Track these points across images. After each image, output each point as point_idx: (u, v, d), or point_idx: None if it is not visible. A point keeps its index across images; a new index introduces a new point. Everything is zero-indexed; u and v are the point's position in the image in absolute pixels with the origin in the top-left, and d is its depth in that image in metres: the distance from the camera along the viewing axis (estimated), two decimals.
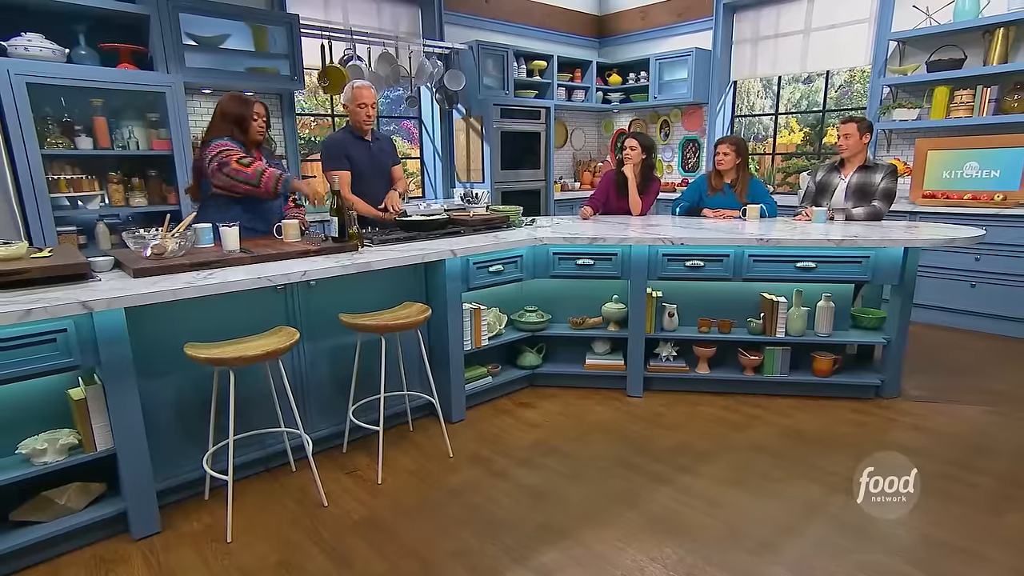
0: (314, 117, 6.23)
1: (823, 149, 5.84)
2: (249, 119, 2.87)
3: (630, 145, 4.00)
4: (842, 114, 6.15)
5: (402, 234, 3.16)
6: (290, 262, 2.56)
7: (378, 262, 2.64)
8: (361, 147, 3.43)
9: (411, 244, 3.03)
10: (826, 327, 3.30)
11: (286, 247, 2.72)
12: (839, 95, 6.54)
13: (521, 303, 3.62)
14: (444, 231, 3.28)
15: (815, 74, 6.91)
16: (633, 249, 3.27)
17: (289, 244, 2.79)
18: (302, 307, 2.70)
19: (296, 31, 4.32)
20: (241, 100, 2.89)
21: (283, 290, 2.62)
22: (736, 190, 3.96)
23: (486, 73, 5.62)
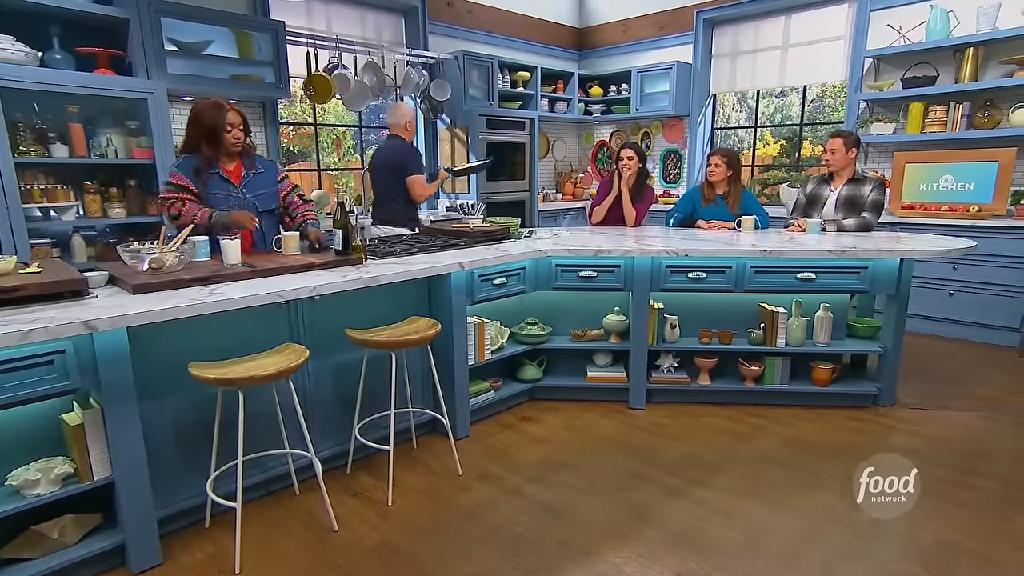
0: (294, 126, 6.11)
1: (801, 162, 5.94)
2: (222, 129, 2.68)
3: (627, 155, 4.00)
4: (816, 128, 6.33)
5: (404, 247, 3.08)
6: (294, 276, 2.45)
7: (386, 276, 2.55)
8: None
9: (416, 256, 2.95)
10: (825, 337, 3.33)
11: (289, 260, 2.61)
12: (811, 109, 6.69)
13: (522, 316, 3.57)
14: (445, 244, 3.21)
15: (789, 88, 7.11)
16: (636, 261, 3.25)
17: (291, 257, 2.67)
18: (306, 322, 2.59)
19: (281, 38, 4.20)
20: (215, 106, 2.68)
21: (287, 305, 2.51)
22: (728, 201, 4.00)
23: (471, 83, 5.58)
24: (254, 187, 2.86)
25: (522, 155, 6.00)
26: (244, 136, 2.79)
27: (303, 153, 6.52)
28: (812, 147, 6.58)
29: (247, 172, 2.85)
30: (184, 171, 2.71)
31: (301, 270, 2.54)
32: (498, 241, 3.42)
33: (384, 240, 3.35)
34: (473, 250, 3.15)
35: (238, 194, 2.79)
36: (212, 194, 2.72)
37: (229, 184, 2.78)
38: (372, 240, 3.31)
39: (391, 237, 3.44)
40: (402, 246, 3.11)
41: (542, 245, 3.33)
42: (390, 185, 3.98)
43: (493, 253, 3.08)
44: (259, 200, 2.87)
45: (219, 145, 2.70)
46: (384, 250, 2.99)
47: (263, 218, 2.88)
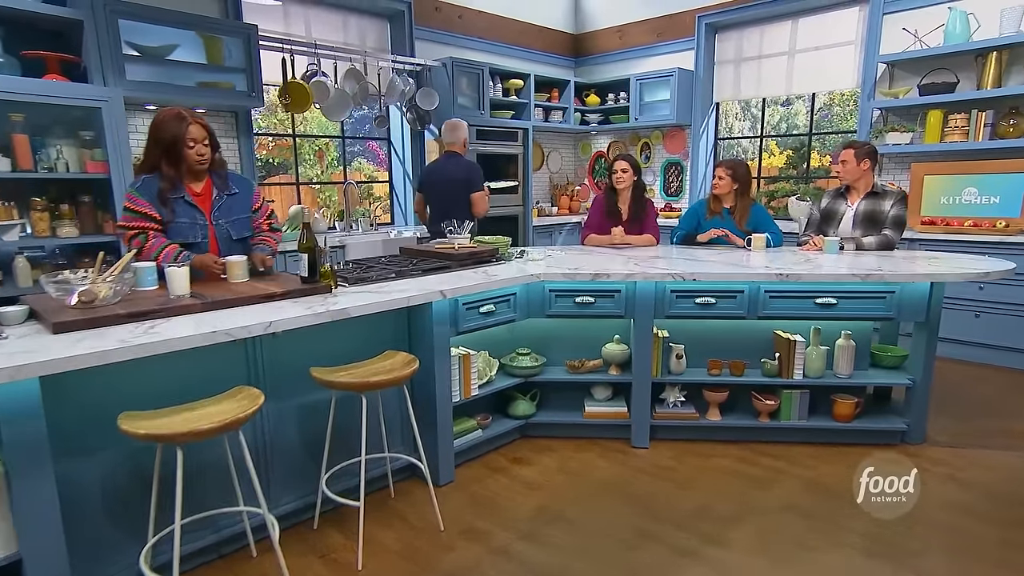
0: (273, 138, 5.85)
1: (809, 173, 5.72)
2: (183, 144, 2.39)
3: (620, 168, 3.78)
4: (824, 138, 6.11)
5: (379, 273, 2.81)
6: (250, 309, 2.18)
7: (356, 308, 2.28)
8: None
9: (393, 283, 2.69)
10: (847, 368, 3.07)
11: (246, 290, 2.33)
12: (819, 118, 6.48)
13: (513, 345, 3.30)
14: (427, 268, 2.95)
15: (795, 96, 6.92)
16: (638, 285, 3.01)
17: (251, 286, 2.40)
18: (266, 360, 2.32)
19: (254, 43, 3.98)
20: (175, 118, 2.38)
21: (243, 341, 2.23)
22: (735, 216, 3.78)
23: (460, 92, 5.38)
24: (227, 212, 2.59)
25: (515, 167, 5.81)
26: (212, 151, 2.52)
27: (284, 165, 6.26)
28: (820, 158, 6.36)
29: (219, 194, 2.58)
30: (145, 194, 2.43)
31: (259, 301, 2.28)
32: (486, 263, 3.17)
33: (359, 264, 3.08)
34: (458, 274, 2.91)
35: (206, 221, 2.52)
36: (177, 223, 2.45)
37: (196, 211, 2.51)
38: (345, 264, 3.04)
39: (366, 261, 3.17)
40: (379, 271, 2.85)
41: (534, 268, 3.08)
42: (456, 200, 4.12)
43: (480, 278, 2.83)
44: (233, 227, 2.60)
45: (180, 163, 2.43)
46: (358, 276, 2.73)
47: (238, 248, 2.61)
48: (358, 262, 3.15)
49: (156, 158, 2.40)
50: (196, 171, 2.48)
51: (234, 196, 2.60)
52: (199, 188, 2.53)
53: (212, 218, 2.53)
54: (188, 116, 2.40)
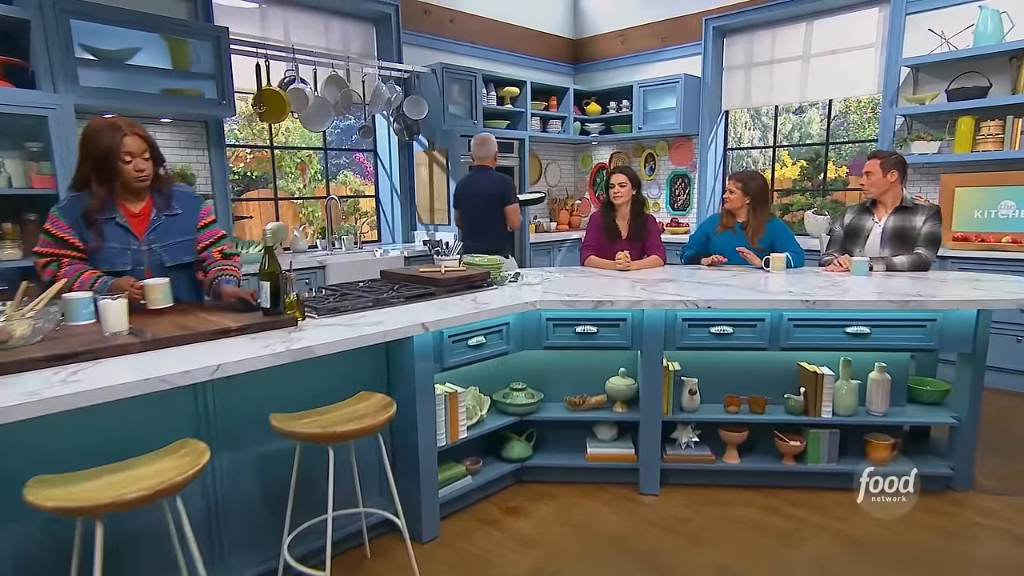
0: (251, 150, 5.66)
1: (827, 185, 5.52)
2: (116, 159, 2.15)
3: (618, 182, 3.61)
4: (840, 148, 5.95)
5: (354, 302, 2.58)
6: (200, 348, 1.95)
7: (323, 346, 2.04)
8: None
9: (370, 313, 2.48)
10: (882, 404, 2.84)
11: (196, 324, 2.09)
12: (834, 126, 6.31)
13: (506, 379, 3.07)
14: (409, 295, 2.72)
15: (808, 104, 6.76)
16: (646, 314, 2.79)
17: (203, 319, 2.16)
18: (218, 406, 2.08)
19: (224, 47, 3.79)
20: (109, 127, 2.15)
21: (190, 385, 1.98)
22: (747, 232, 3.59)
23: (451, 100, 5.21)
24: (164, 235, 2.35)
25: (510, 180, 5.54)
26: (154, 166, 2.29)
27: (264, 179, 6.07)
28: (836, 169, 6.18)
29: (157, 215, 2.34)
30: (67, 216, 2.20)
31: (212, 337, 2.04)
32: (476, 289, 2.95)
33: (334, 290, 2.84)
34: (444, 303, 2.69)
35: (139, 247, 2.28)
36: (107, 248, 2.22)
37: (129, 235, 2.28)
38: (317, 291, 2.81)
39: (342, 287, 2.94)
40: (354, 299, 2.61)
41: (530, 295, 2.87)
42: (491, 214, 4.25)
43: (469, 306, 2.62)
44: (168, 252, 2.36)
45: (114, 180, 2.19)
46: (329, 305, 2.49)
47: (175, 275, 2.36)
48: (333, 288, 2.92)
49: (87, 173, 2.17)
50: (134, 189, 2.25)
51: (175, 217, 2.37)
52: (137, 208, 2.30)
53: (144, 242, 2.29)
54: (124, 126, 2.17)
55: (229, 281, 2.39)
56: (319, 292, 2.81)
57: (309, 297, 2.65)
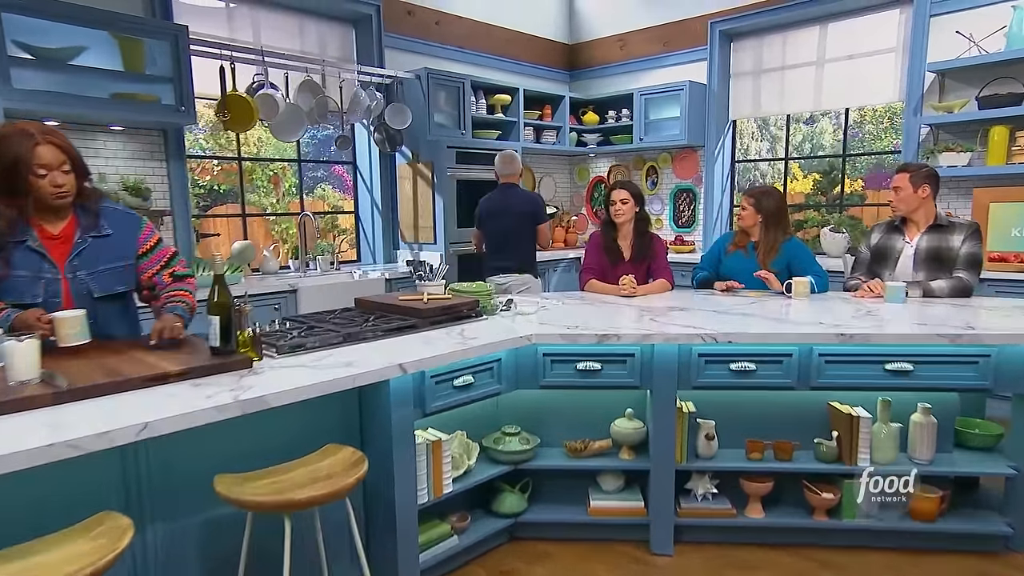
0: (219, 161, 5.43)
1: (844, 201, 5.33)
2: (27, 172, 1.90)
3: (620, 198, 3.45)
4: (855, 160, 5.80)
5: (322, 337, 2.32)
6: (126, 398, 1.69)
7: (280, 394, 1.79)
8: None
9: (340, 350, 2.24)
10: (927, 451, 2.61)
11: (126, 369, 1.83)
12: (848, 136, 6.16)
13: (497, 422, 2.84)
14: (387, 328, 2.48)
15: (819, 114, 6.63)
16: (657, 348, 2.57)
17: (138, 361, 1.89)
18: (152, 467, 1.82)
19: (183, 47, 3.58)
20: (20, 135, 1.91)
21: None
22: (759, 252, 3.42)
23: (437, 108, 5.05)
24: (91, 260, 2.09)
25: None
26: (77, 180, 2.03)
27: (234, 193, 5.85)
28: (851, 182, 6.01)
29: (83, 236, 2.08)
30: None
31: (143, 385, 1.78)
32: (463, 320, 2.73)
33: (300, 322, 2.59)
34: (426, 336, 2.47)
35: (55, 275, 2.02)
36: (14, 277, 1.95)
37: (44, 260, 2.01)
38: (281, 324, 2.55)
39: (310, 318, 2.69)
40: (322, 334, 2.36)
41: (524, 327, 2.65)
42: (522, 232, 4.29)
43: (455, 342, 2.39)
44: (97, 281, 2.10)
45: (25, 196, 1.93)
46: (292, 342, 2.24)
47: (104, 307, 2.10)
48: (299, 320, 2.67)
49: None
50: (53, 206, 1.99)
51: (105, 239, 2.11)
52: (57, 229, 2.04)
53: (67, 269, 2.03)
54: (36, 133, 1.91)
55: (175, 310, 2.13)
56: (283, 325, 2.55)
57: (270, 332, 2.40)
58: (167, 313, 2.12)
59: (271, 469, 1.89)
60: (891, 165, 6.34)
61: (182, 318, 2.14)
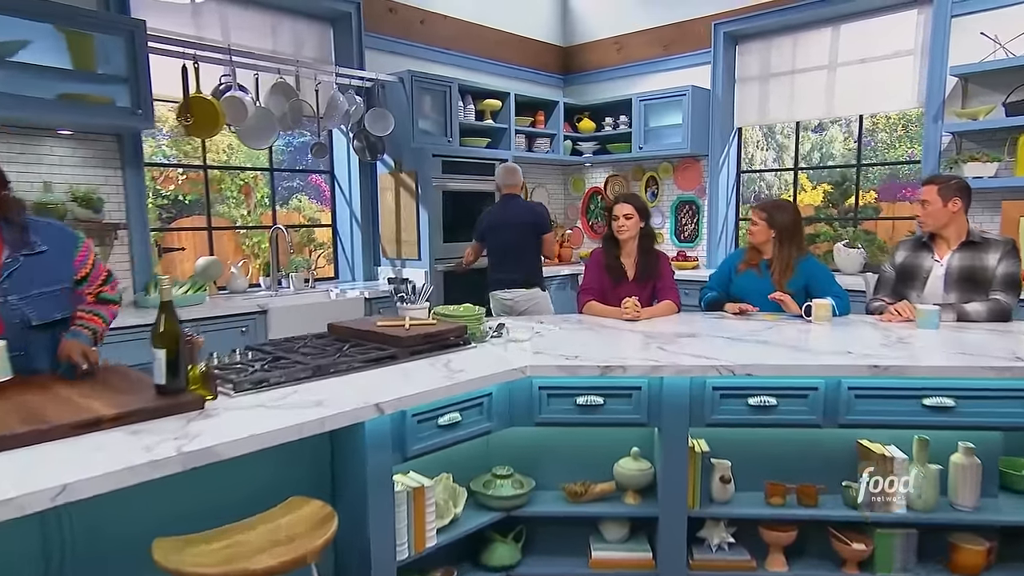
0: (184, 170, 5.25)
1: (858, 214, 5.23)
2: None
3: (623, 213, 3.34)
4: (867, 171, 5.72)
5: (287, 371, 2.13)
6: (50, 449, 1.50)
7: (233, 444, 1.60)
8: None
9: (306, 386, 2.06)
10: (970, 496, 2.44)
11: (54, 414, 1.63)
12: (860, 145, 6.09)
13: (487, 463, 2.66)
14: (364, 359, 2.30)
15: (829, 121, 6.55)
16: (666, 381, 2.42)
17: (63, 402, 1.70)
18: (76, 532, 1.62)
19: (140, 44, 3.42)
20: None
21: None
22: (774, 271, 3.31)
23: (422, 114, 4.95)
24: (24, 283, 1.92)
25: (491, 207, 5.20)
26: None
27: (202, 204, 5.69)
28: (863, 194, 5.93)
29: (12, 255, 1.90)
30: None
31: (71, 433, 1.58)
32: (449, 349, 2.57)
33: (265, 352, 2.40)
34: (407, 369, 2.30)
35: None
36: None
37: None
38: (243, 354, 2.36)
39: (277, 346, 2.50)
40: (287, 367, 2.18)
41: (518, 356, 2.49)
42: (526, 244, 4.36)
43: (439, 375, 2.22)
44: (34, 307, 1.92)
45: None
46: (252, 377, 2.05)
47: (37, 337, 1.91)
48: (263, 349, 2.48)
49: None
50: None
51: (38, 257, 1.93)
52: None
53: None
54: None
55: (78, 336, 1.95)
56: (244, 355, 2.36)
57: (228, 364, 2.22)
58: (68, 339, 1.93)
59: (224, 529, 1.69)
60: (906, 176, 6.31)
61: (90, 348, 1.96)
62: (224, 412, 1.80)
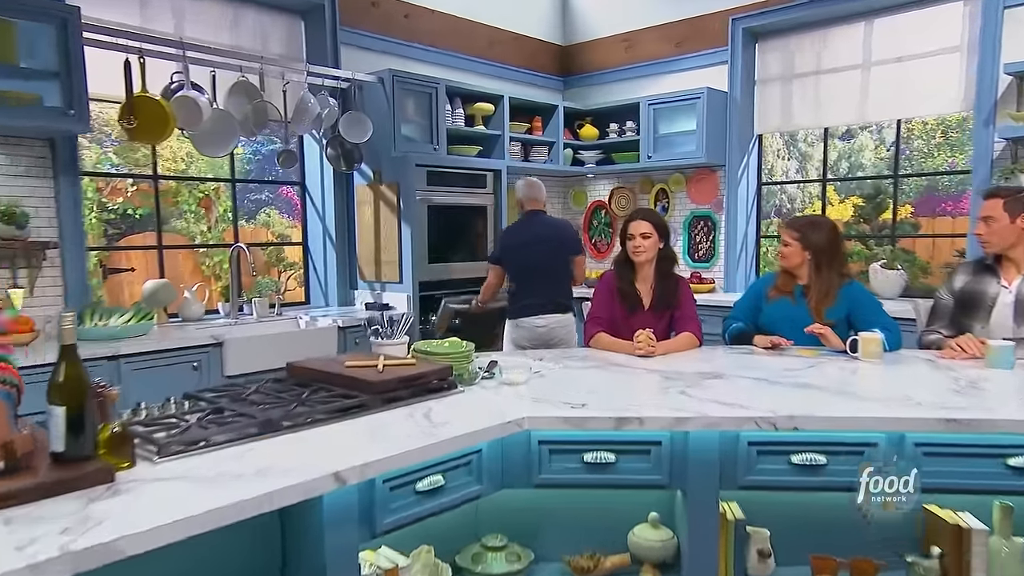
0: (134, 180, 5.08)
1: (896, 230, 5.08)
2: None
3: (640, 231, 3.22)
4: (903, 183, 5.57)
5: (226, 429, 1.87)
6: None
7: (137, 538, 1.33)
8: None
9: (249, 447, 1.81)
10: None
11: None
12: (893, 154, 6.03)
13: (477, 532, 2.46)
14: (326, 410, 2.06)
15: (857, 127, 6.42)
16: (693, 436, 2.21)
17: None
18: None
19: (74, 35, 3.25)
20: None
21: None
22: (811, 299, 3.16)
23: (405, 118, 4.88)
24: None
25: (483, 223, 5.33)
26: None
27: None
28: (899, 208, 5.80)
29: None
30: None
31: None
32: (431, 395, 2.33)
33: (203, 404, 2.13)
34: (379, 420, 2.07)
35: None
36: None
37: None
38: (177, 405, 2.09)
39: (222, 393, 2.24)
40: (231, 421, 1.95)
41: (513, 404, 2.26)
42: (559, 264, 4.32)
43: (418, 430, 1.98)
44: None
45: None
46: (182, 437, 1.79)
47: None
48: (203, 398, 2.21)
49: None
50: None
51: None
52: None
53: None
54: None
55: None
56: (180, 405, 2.10)
57: (158, 418, 1.97)
58: None
59: None
60: (946, 188, 6.16)
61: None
62: (140, 486, 1.53)
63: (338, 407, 2.09)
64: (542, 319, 4.16)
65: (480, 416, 2.12)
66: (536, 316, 4.17)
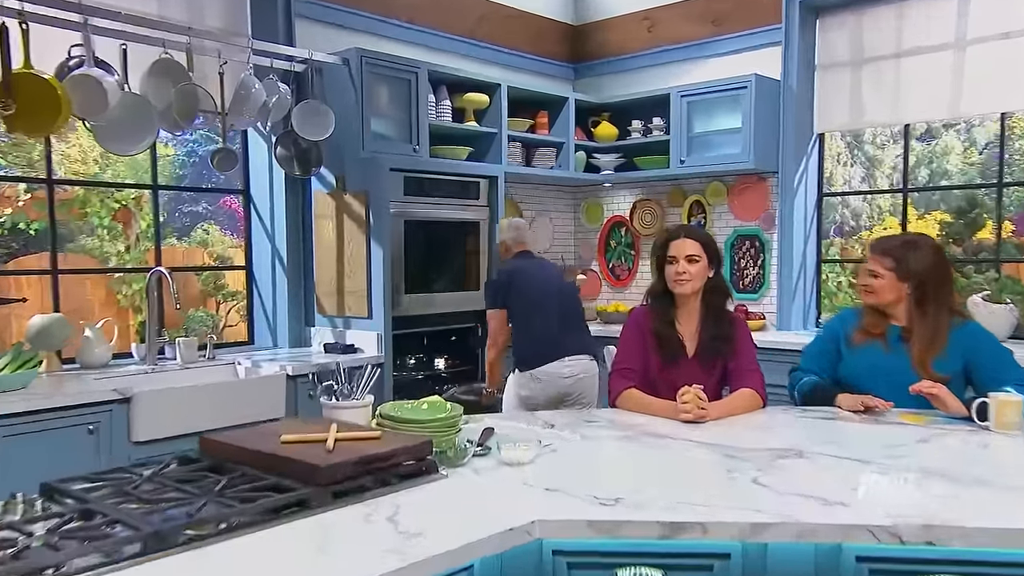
0: (27, 188, 5.06)
1: (1000, 254, 5.00)
2: None
3: (684, 254, 3.05)
4: (1008, 193, 5.43)
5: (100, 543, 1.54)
6: None
7: None
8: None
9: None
10: None
11: None
12: (986, 157, 5.80)
13: None
14: (254, 514, 1.73)
15: (939, 126, 6.25)
16: (773, 548, 1.93)
17: None
18: None
19: None
20: None
21: None
22: (913, 347, 2.98)
23: (376, 110, 4.81)
24: None
25: (474, 243, 5.28)
26: None
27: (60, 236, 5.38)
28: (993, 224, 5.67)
29: None
30: None
31: None
32: (404, 482, 2.05)
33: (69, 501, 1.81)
34: (325, 525, 1.78)
35: None
36: None
37: None
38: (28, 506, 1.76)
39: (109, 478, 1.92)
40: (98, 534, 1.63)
41: (518, 500, 2.00)
42: (572, 301, 4.56)
43: (379, 542, 1.67)
44: None
45: None
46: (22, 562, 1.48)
47: None
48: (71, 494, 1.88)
49: None
50: None
51: None
52: None
53: None
54: None
55: None
56: (30, 506, 1.76)
57: None
58: None
59: None
60: None
61: None
62: None
63: (267, 506, 1.76)
64: (568, 366, 4.17)
65: (471, 518, 1.86)
66: (561, 360, 4.17)
